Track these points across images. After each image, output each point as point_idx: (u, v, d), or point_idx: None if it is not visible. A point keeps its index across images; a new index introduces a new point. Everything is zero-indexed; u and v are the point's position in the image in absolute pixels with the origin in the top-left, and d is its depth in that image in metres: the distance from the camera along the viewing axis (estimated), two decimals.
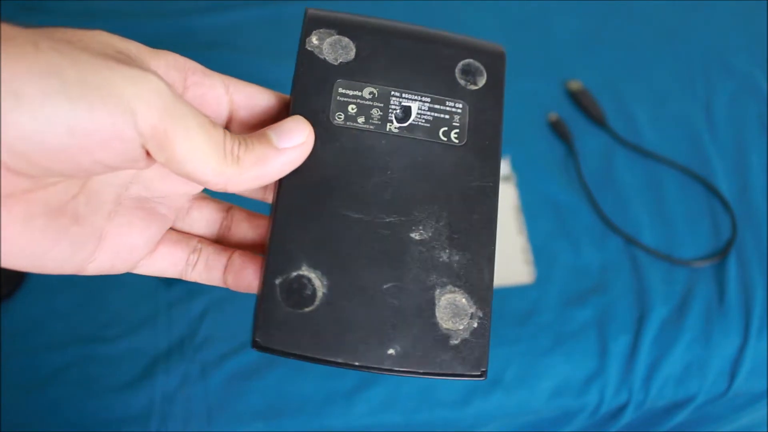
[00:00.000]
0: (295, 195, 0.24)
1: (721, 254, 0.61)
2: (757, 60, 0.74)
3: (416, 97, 0.26)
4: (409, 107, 0.26)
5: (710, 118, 0.69)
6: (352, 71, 0.26)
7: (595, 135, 0.67)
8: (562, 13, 0.75)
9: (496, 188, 0.25)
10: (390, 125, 0.26)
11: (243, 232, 0.27)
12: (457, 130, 0.26)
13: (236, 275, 0.26)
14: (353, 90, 0.26)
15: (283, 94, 0.26)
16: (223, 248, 0.27)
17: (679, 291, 0.59)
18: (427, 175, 0.25)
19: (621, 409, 0.56)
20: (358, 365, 0.22)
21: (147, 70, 0.20)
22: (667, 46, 0.74)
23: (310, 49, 0.26)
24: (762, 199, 0.64)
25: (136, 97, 0.19)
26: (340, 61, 0.26)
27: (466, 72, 0.27)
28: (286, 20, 0.70)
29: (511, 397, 0.54)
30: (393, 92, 0.26)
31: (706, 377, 0.56)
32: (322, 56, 0.26)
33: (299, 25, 0.26)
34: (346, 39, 0.26)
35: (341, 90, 0.26)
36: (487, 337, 0.23)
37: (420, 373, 0.23)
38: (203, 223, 0.27)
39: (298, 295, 0.23)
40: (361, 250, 0.24)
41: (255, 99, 0.25)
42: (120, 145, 0.19)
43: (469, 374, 0.23)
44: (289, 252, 0.23)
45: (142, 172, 0.24)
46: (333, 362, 0.22)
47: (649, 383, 0.55)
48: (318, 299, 0.23)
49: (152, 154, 0.20)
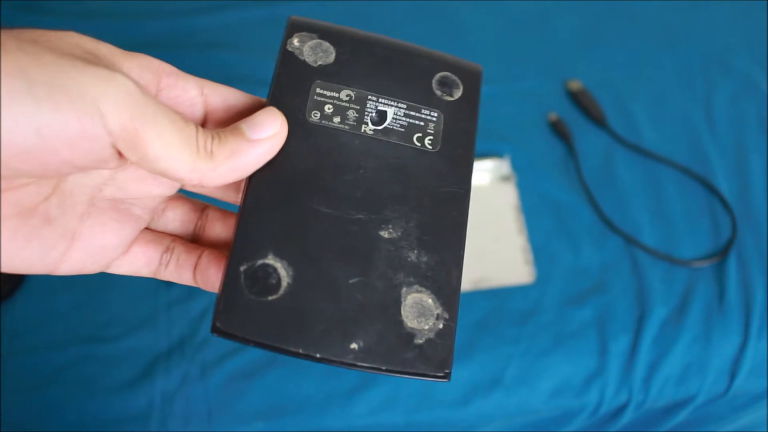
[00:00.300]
0: (266, 187, 0.24)
1: (721, 254, 0.61)
2: (757, 60, 0.74)
3: (392, 103, 0.26)
4: (385, 111, 0.26)
5: (710, 118, 0.69)
6: (330, 74, 0.26)
7: (595, 135, 0.67)
8: (562, 13, 0.75)
9: (468, 195, 0.25)
10: (365, 127, 0.26)
11: (217, 231, 0.27)
12: (431, 137, 0.26)
13: (202, 274, 0.26)
14: (330, 91, 0.26)
15: (260, 97, 0.26)
16: (194, 247, 0.26)
17: (679, 291, 0.59)
18: (400, 177, 0.25)
19: (621, 409, 0.56)
20: (319, 357, 0.22)
21: (114, 70, 0.19)
22: (667, 46, 0.74)
23: (290, 50, 0.26)
24: (762, 199, 0.64)
25: (103, 96, 0.19)
26: (320, 63, 0.26)
27: (443, 84, 0.27)
28: (285, 20, 0.70)
29: (511, 397, 0.54)
30: (370, 96, 0.26)
31: (706, 377, 0.56)
32: (302, 57, 0.26)
33: None
34: (327, 43, 0.27)
35: (319, 90, 0.26)
36: (453, 339, 0.23)
37: (383, 370, 0.22)
38: (178, 223, 0.27)
39: (262, 283, 0.22)
40: (329, 244, 0.23)
41: (230, 101, 0.25)
42: (88, 145, 0.19)
43: (433, 374, 0.23)
44: (256, 240, 0.23)
45: (116, 174, 0.24)
46: (294, 352, 0.22)
47: (649, 383, 0.55)
48: (282, 289, 0.22)
49: (124, 153, 0.20)
